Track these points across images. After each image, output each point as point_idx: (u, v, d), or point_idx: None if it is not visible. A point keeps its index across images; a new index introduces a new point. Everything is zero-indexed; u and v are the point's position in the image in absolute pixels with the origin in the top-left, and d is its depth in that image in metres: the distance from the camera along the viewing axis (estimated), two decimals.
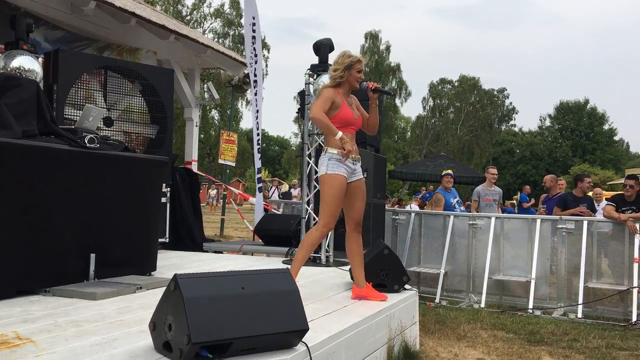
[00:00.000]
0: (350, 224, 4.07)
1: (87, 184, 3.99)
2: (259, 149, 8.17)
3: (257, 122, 7.99)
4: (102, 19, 7.28)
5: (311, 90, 6.12)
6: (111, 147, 4.38)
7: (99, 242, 4.03)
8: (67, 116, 5.73)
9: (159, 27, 7.62)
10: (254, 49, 7.66)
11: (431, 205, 10.14)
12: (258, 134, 8.11)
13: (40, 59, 5.80)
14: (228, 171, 15.17)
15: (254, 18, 7.60)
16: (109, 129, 6.12)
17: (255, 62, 7.73)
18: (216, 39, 34.34)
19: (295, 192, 18.76)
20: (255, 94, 7.87)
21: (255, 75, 7.78)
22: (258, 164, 8.30)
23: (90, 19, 7.09)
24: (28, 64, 5.40)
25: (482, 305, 6.95)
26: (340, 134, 3.83)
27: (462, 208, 8.37)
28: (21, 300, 3.43)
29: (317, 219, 6.12)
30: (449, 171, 8.72)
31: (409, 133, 53.93)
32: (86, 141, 4.06)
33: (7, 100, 3.78)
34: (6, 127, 3.62)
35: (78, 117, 4.75)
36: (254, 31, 7.62)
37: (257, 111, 7.98)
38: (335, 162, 3.92)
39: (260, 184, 8.35)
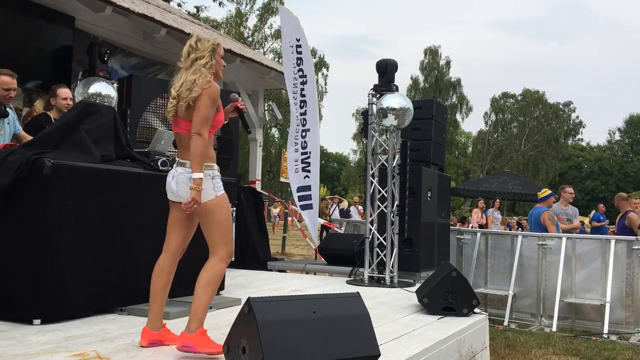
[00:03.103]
0: (180, 247, 3.34)
1: (160, 205, 4.11)
2: (304, 167, 7.80)
3: (304, 141, 7.72)
4: (171, 44, 7.58)
5: (374, 110, 6.14)
6: None
7: None
8: (139, 139, 5.96)
9: (226, 51, 7.82)
10: (301, 69, 7.59)
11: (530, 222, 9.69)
12: (304, 153, 7.79)
13: (115, 85, 6.09)
14: (289, 189, 15.34)
15: (298, 40, 7.55)
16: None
17: (303, 83, 7.62)
18: (276, 59, 35.02)
19: (354, 210, 18.68)
20: (305, 113, 7.68)
21: (302, 96, 7.67)
22: (301, 182, 7.86)
23: (161, 45, 7.40)
24: (104, 90, 5.68)
25: (554, 329, 6.69)
26: (199, 176, 2.89)
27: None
28: (99, 319, 3.57)
29: (380, 238, 6.13)
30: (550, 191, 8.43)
31: (470, 149, 53.02)
32: (159, 164, 4.22)
33: (87, 126, 3.97)
34: (86, 152, 3.81)
35: (150, 140, 4.94)
36: (299, 53, 7.58)
37: (307, 130, 7.78)
38: (219, 179, 3.05)
39: (304, 202, 7.98)
